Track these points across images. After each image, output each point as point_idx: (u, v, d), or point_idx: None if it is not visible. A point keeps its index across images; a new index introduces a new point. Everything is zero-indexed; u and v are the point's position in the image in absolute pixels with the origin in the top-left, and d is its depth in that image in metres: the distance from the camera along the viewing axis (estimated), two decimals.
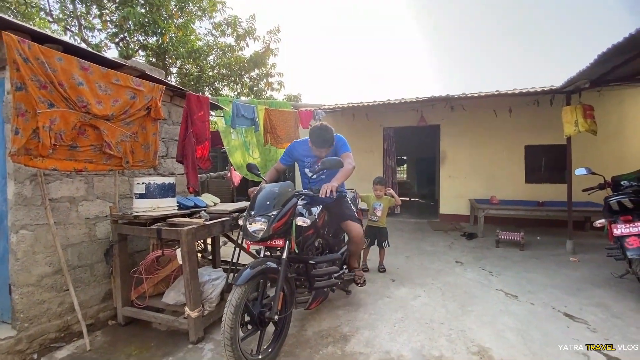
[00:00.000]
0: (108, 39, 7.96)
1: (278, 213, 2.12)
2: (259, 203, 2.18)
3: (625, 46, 2.76)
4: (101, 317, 2.82)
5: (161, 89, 2.71)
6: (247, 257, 3.87)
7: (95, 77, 2.27)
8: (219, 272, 2.68)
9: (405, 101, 6.08)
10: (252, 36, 9.34)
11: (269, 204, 2.15)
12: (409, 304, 3.01)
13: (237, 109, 3.84)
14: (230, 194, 8.32)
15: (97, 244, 2.81)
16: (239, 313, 1.89)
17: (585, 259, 4.32)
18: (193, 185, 2.99)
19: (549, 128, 6.02)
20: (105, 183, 2.88)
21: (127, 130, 2.49)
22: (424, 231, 6.42)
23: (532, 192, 6.43)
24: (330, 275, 2.51)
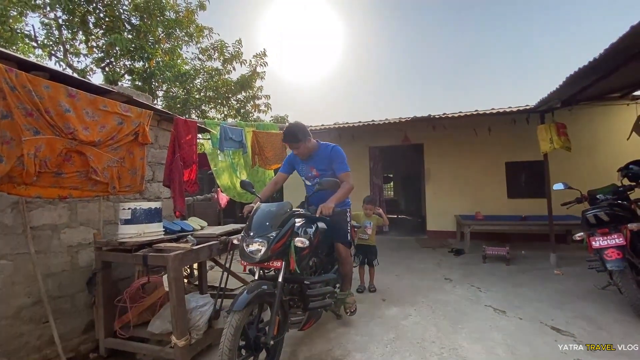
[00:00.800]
0: (94, 64, 7.99)
1: (277, 234, 2.11)
2: (257, 223, 2.16)
3: (590, 69, 2.98)
4: (82, 349, 2.69)
5: (149, 114, 2.73)
6: (235, 282, 3.81)
7: (83, 103, 2.28)
8: (206, 299, 2.62)
9: (389, 122, 6.27)
10: (239, 60, 9.54)
11: (268, 225, 2.13)
12: (400, 323, 2.99)
13: (225, 132, 3.88)
14: (217, 216, 8.22)
15: (79, 272, 2.72)
16: (238, 339, 1.86)
17: (568, 271, 4.42)
18: (180, 209, 2.96)
19: (527, 145, 6.27)
20: (89, 209, 2.82)
21: (114, 155, 2.48)
22: (412, 249, 6.46)
23: (514, 207, 6.61)
24: (325, 295, 2.49)
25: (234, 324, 1.82)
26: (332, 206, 2.42)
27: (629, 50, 2.73)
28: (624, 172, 3.62)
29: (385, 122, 6.32)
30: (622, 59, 2.89)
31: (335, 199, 2.53)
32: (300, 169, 2.95)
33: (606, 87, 4.09)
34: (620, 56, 2.83)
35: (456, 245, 6.18)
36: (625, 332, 2.60)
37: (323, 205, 2.41)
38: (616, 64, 2.97)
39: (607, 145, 6.17)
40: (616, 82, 4.00)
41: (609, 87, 4.31)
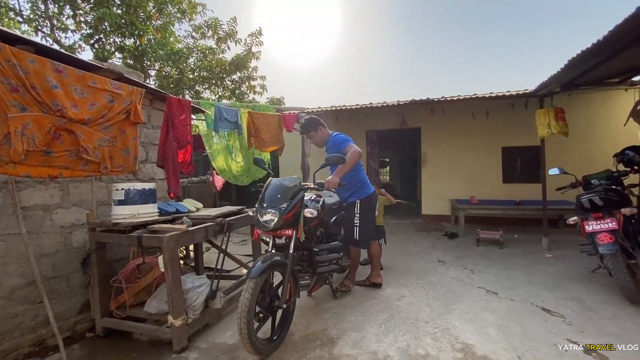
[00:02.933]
0: (82, 41, 7.69)
1: (288, 205, 2.33)
2: (270, 196, 2.39)
3: (593, 52, 2.92)
4: (78, 329, 2.70)
5: (141, 92, 2.64)
6: (231, 263, 3.82)
7: (71, 80, 2.18)
8: (202, 279, 2.62)
9: (387, 105, 6.18)
10: (234, 39, 9.26)
11: (279, 197, 2.36)
12: (394, 304, 3.04)
13: (220, 113, 3.79)
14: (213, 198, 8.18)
15: (73, 253, 2.70)
16: (254, 302, 2.05)
17: (560, 255, 4.51)
18: (174, 190, 2.92)
19: (524, 130, 6.26)
20: (81, 190, 2.77)
21: (105, 134, 2.40)
22: (407, 232, 6.52)
23: (509, 191, 6.66)
24: (331, 261, 2.81)
25: (250, 290, 2.02)
26: (337, 180, 2.66)
27: (632, 33, 2.67)
28: (620, 157, 3.64)
29: (383, 105, 6.23)
30: (625, 41, 2.83)
31: (340, 172, 2.77)
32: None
33: (605, 71, 4.03)
34: (624, 39, 2.78)
35: (451, 229, 6.25)
36: (613, 313, 2.68)
37: (328, 180, 2.65)
38: (620, 46, 2.91)
39: (604, 130, 6.17)
40: (616, 67, 3.94)
41: (608, 72, 4.26)
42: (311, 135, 3.19)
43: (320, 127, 3.17)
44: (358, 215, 3.16)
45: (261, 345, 2.13)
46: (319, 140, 3.20)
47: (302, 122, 3.21)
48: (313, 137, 3.21)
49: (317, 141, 3.22)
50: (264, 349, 2.16)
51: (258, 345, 2.09)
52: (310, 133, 3.18)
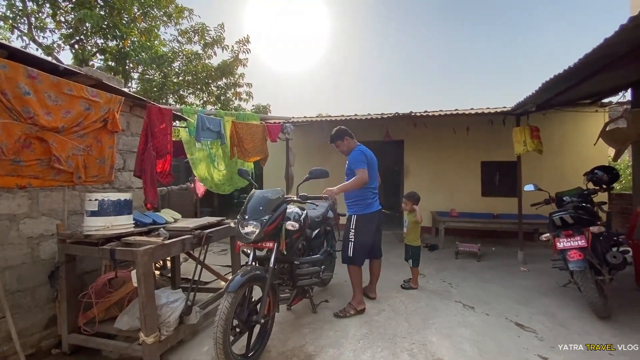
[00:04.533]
0: (62, 41, 7.45)
1: (270, 217, 2.34)
2: (252, 207, 2.38)
3: (565, 77, 3.08)
4: (43, 345, 2.56)
5: (119, 100, 2.57)
6: (209, 275, 3.73)
7: (45, 86, 2.11)
8: (177, 294, 2.55)
9: (372, 117, 6.27)
10: (221, 45, 9.21)
11: (261, 209, 2.36)
12: (373, 318, 3.04)
13: (203, 122, 3.74)
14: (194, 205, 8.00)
15: (41, 265, 2.57)
16: (231, 318, 2.02)
17: (534, 268, 4.65)
18: (151, 201, 2.84)
19: (502, 146, 6.47)
20: (52, 199, 2.66)
21: (79, 143, 2.33)
22: (389, 243, 6.57)
23: (487, 205, 6.84)
24: (312, 275, 2.79)
25: (227, 304, 1.99)
26: (336, 191, 2.78)
27: (599, 62, 2.83)
28: (589, 176, 3.81)
29: (367, 118, 6.32)
30: (593, 69, 3.00)
31: (342, 187, 2.90)
32: None
33: (577, 94, 4.25)
34: (592, 66, 2.94)
35: (431, 241, 6.35)
36: (583, 329, 2.77)
37: (328, 189, 2.75)
38: (589, 73, 3.08)
39: (576, 149, 6.46)
40: (586, 90, 4.16)
41: (580, 94, 4.49)
42: (338, 144, 3.30)
43: (346, 137, 3.27)
44: (353, 231, 3.12)
45: None
46: (345, 149, 3.29)
47: (333, 132, 3.31)
48: (340, 146, 3.31)
49: (343, 150, 3.32)
50: None
51: (232, 359, 2.05)
52: (337, 142, 3.29)
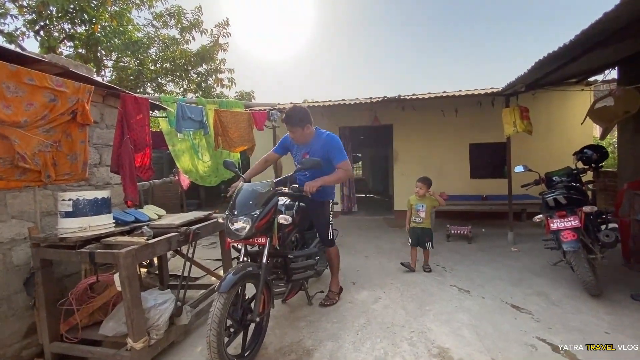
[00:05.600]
0: (26, 27, 6.90)
1: (260, 212, 2.21)
2: (241, 202, 2.26)
3: (560, 54, 3.00)
4: (24, 355, 2.40)
5: (89, 90, 2.35)
6: (197, 271, 3.60)
7: (2, 76, 1.88)
8: (166, 295, 2.42)
9: (360, 102, 6.13)
10: (199, 29, 8.77)
11: (251, 204, 2.23)
12: (370, 307, 3.00)
13: (183, 111, 3.52)
14: (179, 198, 7.76)
15: (14, 272, 2.38)
16: (225, 319, 1.93)
17: (524, 248, 4.71)
18: (132, 198, 2.66)
19: (491, 127, 6.45)
20: (22, 200, 2.44)
21: (46, 138, 2.11)
22: (380, 228, 6.57)
23: (476, 187, 6.89)
24: (307, 268, 2.69)
25: (219, 305, 1.90)
26: (318, 185, 2.50)
27: (594, 38, 2.77)
28: (579, 155, 3.82)
29: (355, 102, 6.17)
30: (587, 45, 2.94)
31: (324, 181, 2.59)
32: (294, 152, 2.97)
33: (566, 72, 4.22)
34: (586, 43, 2.87)
35: None
36: (577, 308, 2.80)
37: (308, 183, 2.47)
38: (582, 50, 3.02)
39: (563, 128, 6.52)
40: (574, 68, 4.13)
41: (568, 73, 4.46)
42: (295, 130, 2.70)
43: (307, 124, 2.71)
44: (332, 214, 3.07)
45: None
46: (302, 138, 2.77)
47: (289, 111, 2.68)
48: (297, 133, 2.72)
49: (299, 138, 2.76)
50: None
51: None
52: (296, 128, 2.68)
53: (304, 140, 2.81)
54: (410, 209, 4.06)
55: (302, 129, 2.71)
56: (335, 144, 2.76)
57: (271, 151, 3.07)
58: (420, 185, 3.97)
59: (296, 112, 2.69)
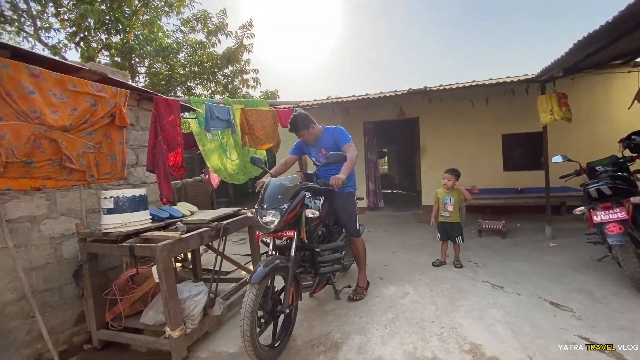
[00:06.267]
0: (67, 39, 7.43)
1: (289, 206, 2.27)
2: (270, 196, 2.32)
3: (600, 34, 2.79)
4: (75, 341, 2.62)
5: (125, 94, 2.50)
6: (228, 266, 3.73)
7: (48, 84, 2.05)
8: (200, 287, 2.53)
9: (384, 95, 6.03)
10: (224, 32, 9.01)
11: (279, 198, 2.30)
12: (398, 302, 2.97)
13: (211, 111, 3.65)
14: (210, 197, 8.06)
15: (65, 264, 2.60)
16: (257, 309, 2.01)
17: (564, 243, 4.44)
18: (166, 195, 2.81)
19: (525, 116, 6.13)
20: (69, 198, 2.66)
21: (89, 140, 2.28)
22: (407, 224, 6.45)
23: (511, 179, 6.57)
24: (334, 261, 2.71)
25: (252, 296, 1.97)
26: (343, 177, 2.55)
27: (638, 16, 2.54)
28: (626, 143, 3.53)
29: (380, 96, 6.08)
30: (632, 24, 2.70)
31: (346, 170, 2.64)
32: (311, 152, 3.11)
33: (610, 54, 3.90)
34: (631, 21, 2.64)
35: None
36: (624, 306, 2.61)
37: (334, 177, 2.52)
38: (626, 29, 2.78)
39: (607, 114, 6.05)
40: (619, 49, 3.80)
41: (612, 54, 4.13)
42: (302, 133, 2.91)
43: (311, 124, 2.92)
44: (356, 206, 3.12)
45: (263, 351, 2.06)
46: (311, 138, 2.97)
47: (291, 122, 2.90)
48: (304, 135, 2.93)
49: (309, 139, 2.97)
50: (266, 355, 2.09)
51: (260, 350, 2.03)
52: (302, 132, 2.90)
53: (315, 138, 2.99)
54: (438, 203, 3.94)
55: (308, 130, 2.91)
56: (340, 132, 2.96)
57: (289, 154, 3.20)
58: (448, 177, 3.84)
59: (298, 119, 2.88)
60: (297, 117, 2.90)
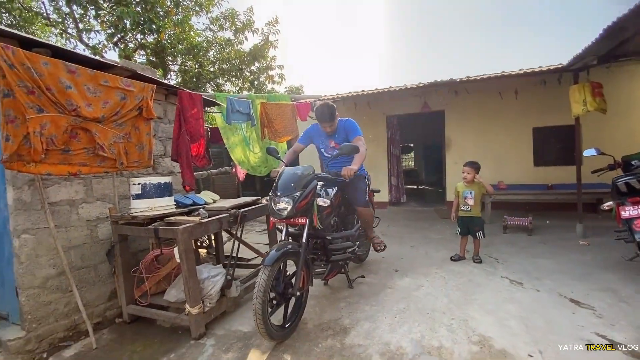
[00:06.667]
0: (107, 40, 7.97)
1: (301, 194, 2.37)
2: (283, 184, 2.42)
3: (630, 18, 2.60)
4: (108, 315, 2.88)
5: (152, 88, 2.69)
6: (250, 253, 3.90)
7: (83, 79, 2.26)
8: (218, 269, 2.70)
9: (408, 88, 5.95)
10: (251, 29, 9.22)
11: (292, 186, 2.39)
12: (411, 294, 2.98)
13: (232, 105, 3.81)
14: (236, 189, 8.36)
15: (100, 244, 2.86)
16: (269, 290, 2.12)
17: (596, 242, 4.20)
18: (189, 183, 2.99)
19: (558, 108, 5.80)
20: (103, 185, 2.91)
21: (119, 131, 2.49)
22: (430, 219, 6.35)
23: (541, 175, 6.27)
24: (345, 250, 2.78)
25: (264, 277, 2.09)
26: (355, 169, 2.65)
27: None
28: None
29: (403, 88, 6.01)
30: None
31: (357, 163, 2.74)
32: (321, 142, 3.19)
33: None
34: None
35: None
36: None
37: (346, 168, 2.62)
38: None
39: None
40: None
41: None
42: (331, 124, 2.96)
43: (337, 116, 2.99)
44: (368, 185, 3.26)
45: (274, 330, 2.18)
46: (331, 130, 3.03)
47: (320, 107, 2.91)
48: (332, 127, 3.00)
49: (331, 130, 3.04)
50: (276, 334, 2.21)
51: (271, 329, 2.14)
52: (332, 122, 2.95)
53: (333, 130, 3.06)
54: (458, 197, 3.87)
55: (335, 121, 2.99)
56: (352, 125, 3.03)
57: (297, 142, 3.31)
58: (467, 170, 3.75)
59: (329, 109, 2.92)
60: (331, 107, 2.93)
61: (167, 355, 2.26)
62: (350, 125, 3.03)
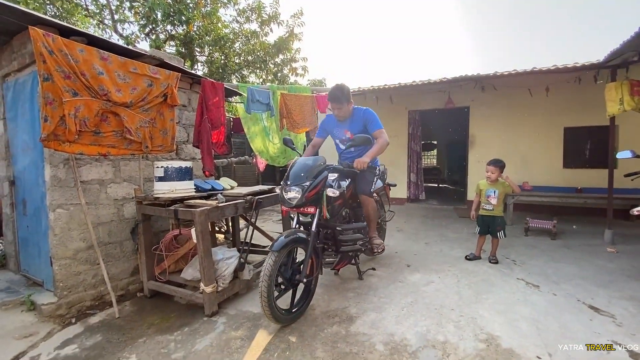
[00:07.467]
0: (139, 30, 8.32)
1: (311, 184, 2.41)
2: (294, 174, 2.48)
3: None
4: (131, 289, 3.08)
5: (177, 76, 2.81)
6: (263, 240, 4.01)
7: (114, 66, 2.41)
8: (232, 252, 2.81)
9: (432, 82, 5.82)
10: (276, 21, 9.31)
11: (303, 175, 2.44)
12: (420, 289, 2.97)
13: (252, 94, 3.90)
14: (256, 179, 8.55)
15: (125, 223, 3.05)
16: (274, 275, 2.18)
17: (625, 250, 3.99)
18: (208, 169, 3.12)
19: (593, 107, 5.50)
20: (130, 167, 3.09)
21: (145, 116, 2.63)
22: (448, 217, 6.23)
23: (570, 177, 5.98)
24: (355, 241, 2.79)
25: (271, 262, 2.16)
26: (367, 161, 2.64)
27: None
28: None
29: (426, 83, 5.89)
30: None
31: (371, 155, 2.74)
32: (335, 132, 3.19)
33: None
34: None
35: None
36: None
37: (358, 160, 2.63)
38: None
39: None
40: None
41: None
42: (341, 106, 2.92)
43: (351, 100, 2.98)
44: (377, 177, 3.21)
45: (279, 313, 2.25)
46: (346, 114, 3.00)
47: (335, 91, 2.90)
48: (343, 109, 2.95)
49: (344, 115, 3.00)
50: (281, 317, 2.28)
51: (276, 312, 2.21)
52: (342, 104, 2.91)
53: (346, 116, 3.02)
54: (479, 195, 3.77)
55: (347, 104, 2.95)
56: (372, 115, 2.98)
57: (315, 137, 3.32)
58: (492, 170, 3.64)
59: (344, 90, 2.91)
60: (343, 87, 2.91)
61: (182, 329, 2.40)
62: (370, 115, 2.99)
